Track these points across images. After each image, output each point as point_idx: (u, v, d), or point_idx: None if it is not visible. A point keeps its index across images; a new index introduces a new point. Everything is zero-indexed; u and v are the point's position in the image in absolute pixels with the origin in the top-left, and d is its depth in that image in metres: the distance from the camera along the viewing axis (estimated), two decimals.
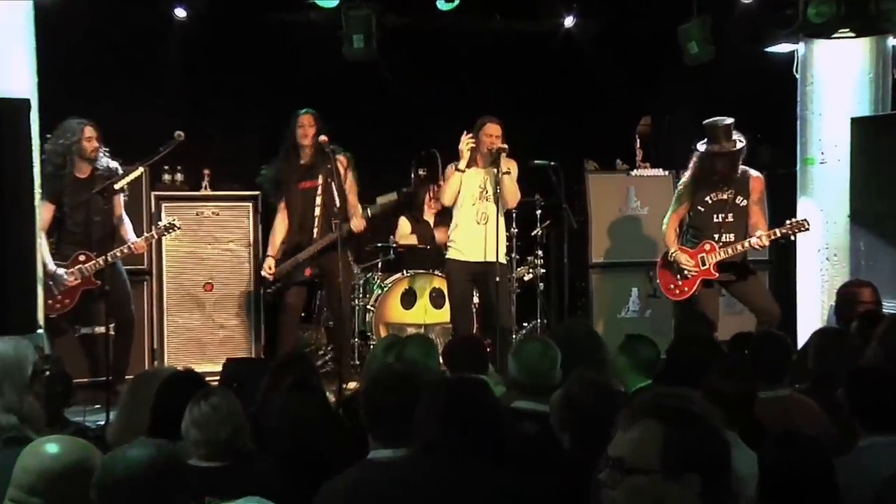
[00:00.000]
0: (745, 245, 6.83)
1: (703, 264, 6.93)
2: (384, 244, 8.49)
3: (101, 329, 6.98)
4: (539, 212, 8.32)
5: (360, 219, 7.12)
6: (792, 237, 7.06)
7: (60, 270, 6.89)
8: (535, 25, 9.10)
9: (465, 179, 7.08)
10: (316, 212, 7.19)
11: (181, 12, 8.06)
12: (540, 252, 8.43)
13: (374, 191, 7.48)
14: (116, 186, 6.86)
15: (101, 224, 6.97)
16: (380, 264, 8.44)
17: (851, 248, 7.24)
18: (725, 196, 6.90)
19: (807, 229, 6.82)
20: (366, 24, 7.31)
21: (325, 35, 7.57)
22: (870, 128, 7.20)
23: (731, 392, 3.61)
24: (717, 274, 6.93)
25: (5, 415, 3.47)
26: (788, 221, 6.85)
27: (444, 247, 7.63)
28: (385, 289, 8.19)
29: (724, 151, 6.77)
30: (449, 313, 7.49)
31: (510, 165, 7.03)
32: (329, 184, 7.07)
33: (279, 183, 7.34)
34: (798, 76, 7.51)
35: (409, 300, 8.20)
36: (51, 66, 6.27)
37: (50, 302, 6.74)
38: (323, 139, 7.02)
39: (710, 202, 6.94)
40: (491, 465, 2.93)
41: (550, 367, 4.05)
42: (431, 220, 8.76)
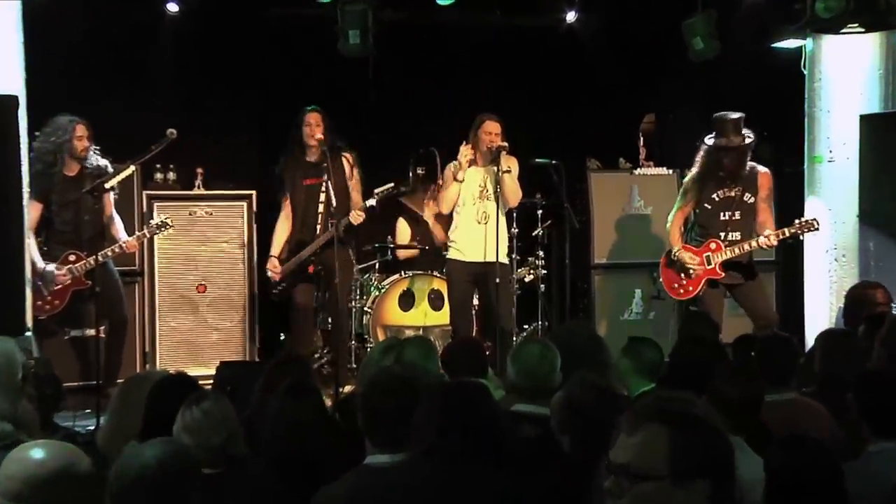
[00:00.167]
0: (752, 245, 6.76)
1: (709, 263, 6.85)
2: (382, 244, 8.40)
3: (92, 331, 6.89)
4: (540, 211, 8.25)
5: (360, 211, 7.05)
6: (801, 237, 6.97)
7: (51, 267, 6.80)
8: (535, 20, 9.03)
9: (465, 178, 7.00)
10: (319, 208, 7.20)
11: (173, 6, 7.96)
12: (541, 252, 8.35)
13: (371, 190, 7.35)
14: (107, 185, 6.76)
15: (90, 223, 6.86)
16: (377, 265, 8.36)
17: (860, 248, 7.14)
18: (733, 193, 6.81)
19: (816, 229, 6.74)
20: (362, 19, 7.19)
21: (321, 30, 7.46)
22: (879, 125, 7.10)
23: (736, 396, 3.59)
24: (722, 274, 6.84)
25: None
26: (798, 221, 6.76)
27: (443, 247, 7.56)
28: (383, 290, 8.09)
29: (731, 146, 6.69)
30: (448, 315, 7.40)
31: (511, 163, 6.96)
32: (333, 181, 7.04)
33: (283, 179, 7.32)
34: (806, 72, 7.41)
35: (407, 302, 8.12)
36: (41, 63, 6.21)
37: (39, 303, 6.67)
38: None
39: (716, 199, 6.85)
40: (491, 469, 2.94)
41: (549, 370, 4.00)
42: (431, 219, 8.66)
